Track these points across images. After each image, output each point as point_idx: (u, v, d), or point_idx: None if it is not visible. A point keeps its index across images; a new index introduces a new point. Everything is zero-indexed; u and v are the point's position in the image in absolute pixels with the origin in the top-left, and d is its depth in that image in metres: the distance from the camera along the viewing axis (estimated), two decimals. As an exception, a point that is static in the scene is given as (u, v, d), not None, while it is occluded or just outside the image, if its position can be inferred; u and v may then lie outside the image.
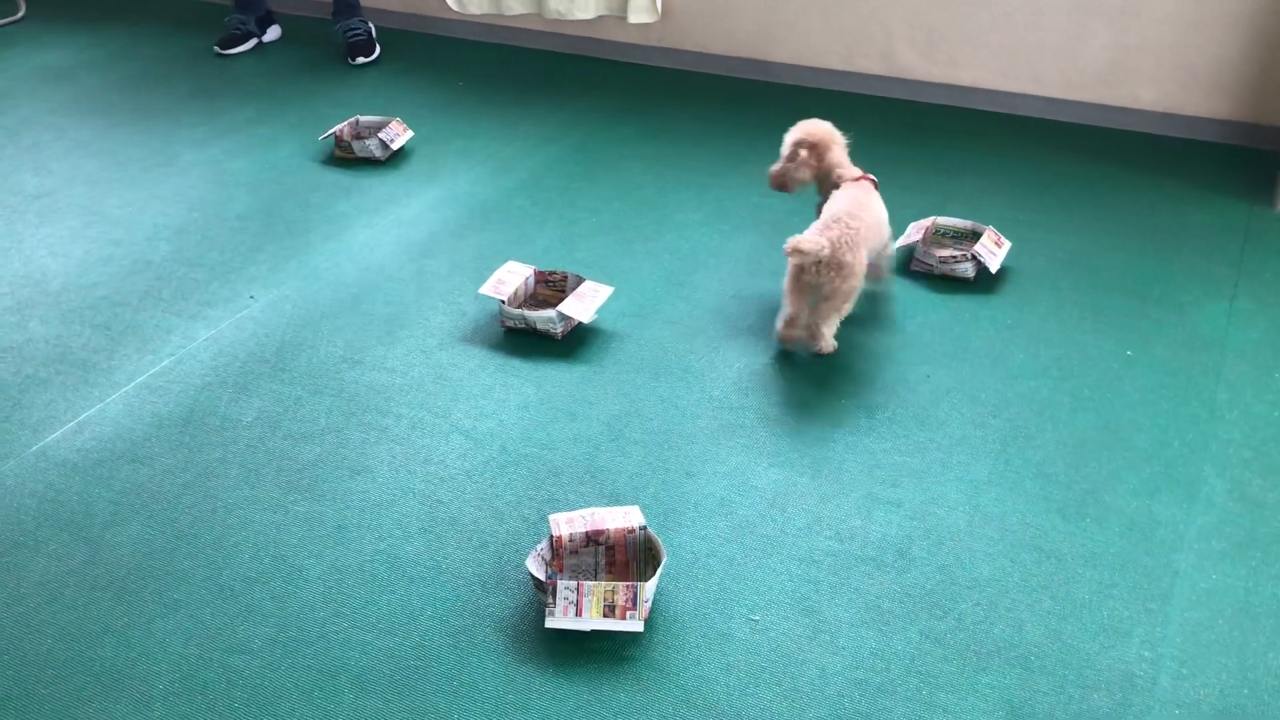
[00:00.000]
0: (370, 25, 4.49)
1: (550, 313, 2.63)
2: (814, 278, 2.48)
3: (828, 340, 2.57)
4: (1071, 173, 3.49)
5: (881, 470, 2.24)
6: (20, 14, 4.85)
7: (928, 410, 2.41)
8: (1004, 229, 3.08)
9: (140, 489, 2.19)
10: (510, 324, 2.68)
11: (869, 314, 2.75)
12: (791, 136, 2.78)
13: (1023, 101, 3.88)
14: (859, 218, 2.53)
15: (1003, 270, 2.93)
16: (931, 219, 3.03)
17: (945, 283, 2.88)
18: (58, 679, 1.78)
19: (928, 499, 2.17)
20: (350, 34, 4.43)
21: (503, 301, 2.66)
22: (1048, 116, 3.87)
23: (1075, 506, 2.15)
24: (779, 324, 2.60)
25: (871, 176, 2.73)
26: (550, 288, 2.81)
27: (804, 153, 2.75)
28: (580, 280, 2.76)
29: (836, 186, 2.70)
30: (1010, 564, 2.01)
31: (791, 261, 2.49)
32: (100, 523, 2.11)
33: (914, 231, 2.98)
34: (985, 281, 2.88)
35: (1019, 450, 2.30)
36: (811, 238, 2.46)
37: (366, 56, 4.41)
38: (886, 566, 2.01)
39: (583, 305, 2.65)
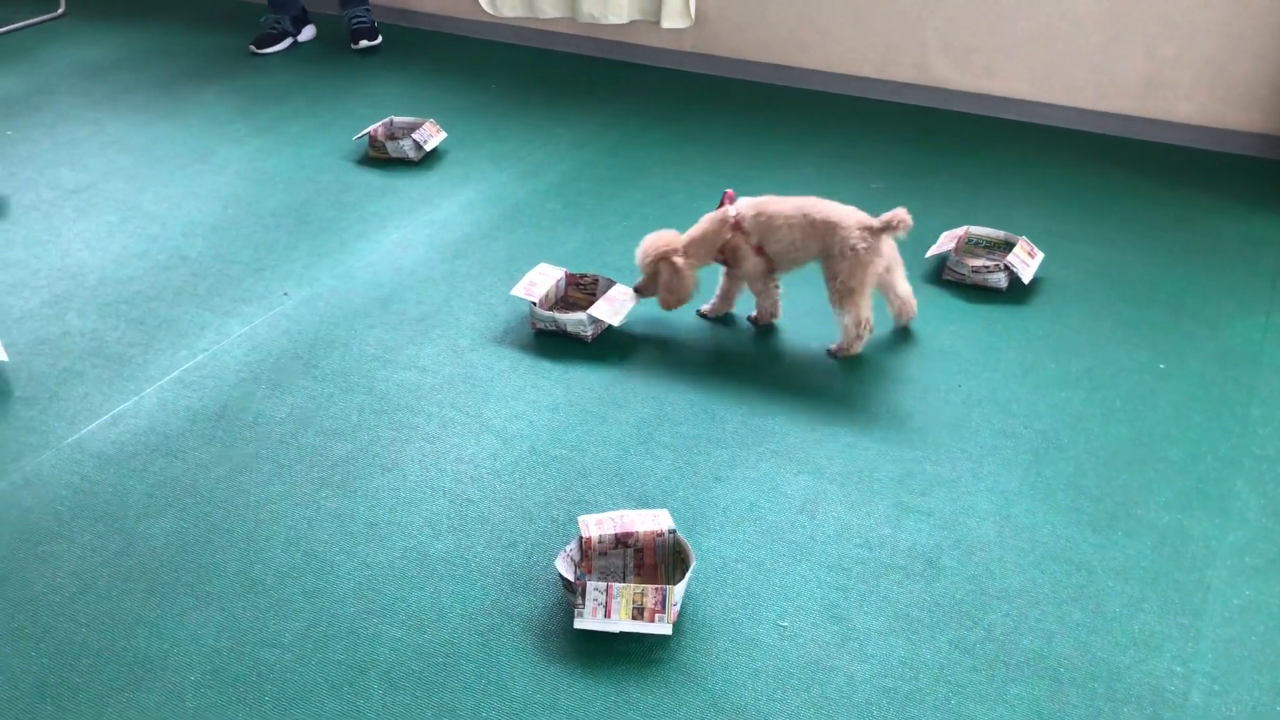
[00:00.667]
0: (373, 16, 4.56)
1: (580, 315, 2.64)
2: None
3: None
4: (1105, 185, 3.47)
5: (912, 479, 2.24)
6: (60, 10, 4.91)
7: (959, 420, 2.41)
8: (1037, 240, 3.06)
9: (174, 482, 2.21)
10: (541, 326, 2.69)
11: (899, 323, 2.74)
12: (643, 258, 2.68)
13: (1056, 112, 3.87)
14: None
15: (1035, 281, 2.92)
16: (964, 228, 3.02)
17: (977, 292, 2.87)
18: (92, 668, 1.80)
19: (958, 509, 2.16)
20: (355, 21, 4.54)
21: (534, 303, 2.67)
22: (1082, 128, 3.85)
23: (1107, 519, 2.13)
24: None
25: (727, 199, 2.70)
26: (581, 290, 2.82)
27: (666, 271, 2.65)
28: (611, 284, 2.77)
29: (724, 248, 2.65)
30: (1040, 575, 2.01)
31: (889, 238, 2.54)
32: (134, 514, 2.13)
33: (946, 241, 2.97)
34: (1017, 292, 2.87)
35: (1050, 461, 2.29)
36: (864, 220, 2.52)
37: (370, 40, 4.51)
38: (916, 575, 2.01)
39: (613, 308, 2.66)
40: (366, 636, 1.87)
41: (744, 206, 2.63)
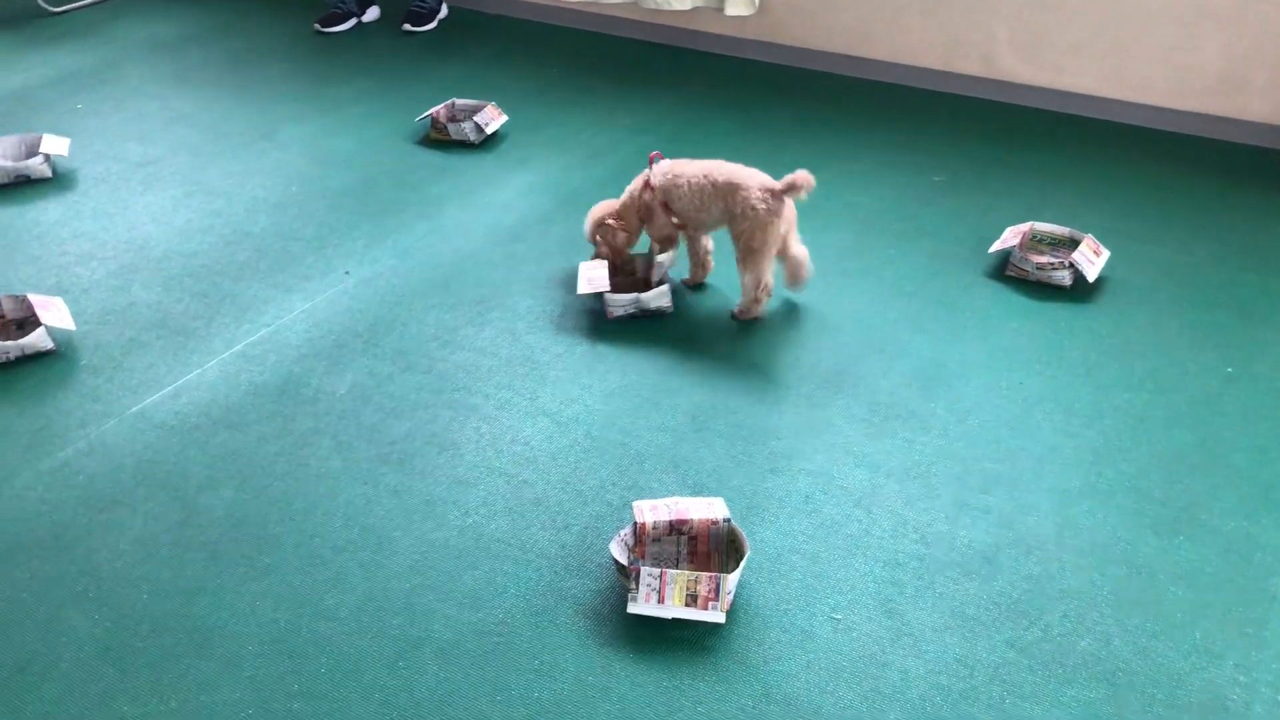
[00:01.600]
0: (437, 4, 4.62)
1: (662, 288, 2.67)
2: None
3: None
4: (1175, 184, 3.40)
5: (971, 476, 2.21)
6: (130, -13, 4.98)
7: (1019, 418, 2.38)
8: (1103, 238, 3.01)
9: (234, 454, 2.24)
10: (620, 312, 2.68)
11: (962, 318, 2.71)
12: (589, 233, 2.85)
13: (1127, 109, 3.79)
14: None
15: (1100, 280, 2.87)
16: (1029, 224, 2.98)
17: (1041, 289, 2.83)
18: (153, 634, 1.83)
19: (1017, 507, 2.13)
20: (415, 4, 4.58)
21: (607, 292, 2.67)
22: (1152, 125, 3.77)
23: (1169, 523, 2.10)
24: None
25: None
26: (625, 275, 2.82)
27: (602, 236, 2.82)
28: (645, 261, 2.82)
29: (648, 217, 2.79)
30: (1100, 577, 1.98)
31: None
32: (195, 485, 2.16)
33: (1010, 236, 2.93)
34: (1082, 290, 2.83)
35: (1112, 463, 2.25)
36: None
37: (415, 26, 4.54)
38: (973, 573, 1.98)
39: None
40: (422, 612, 1.88)
41: (659, 168, 2.76)
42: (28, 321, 2.60)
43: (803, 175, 2.55)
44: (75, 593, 1.91)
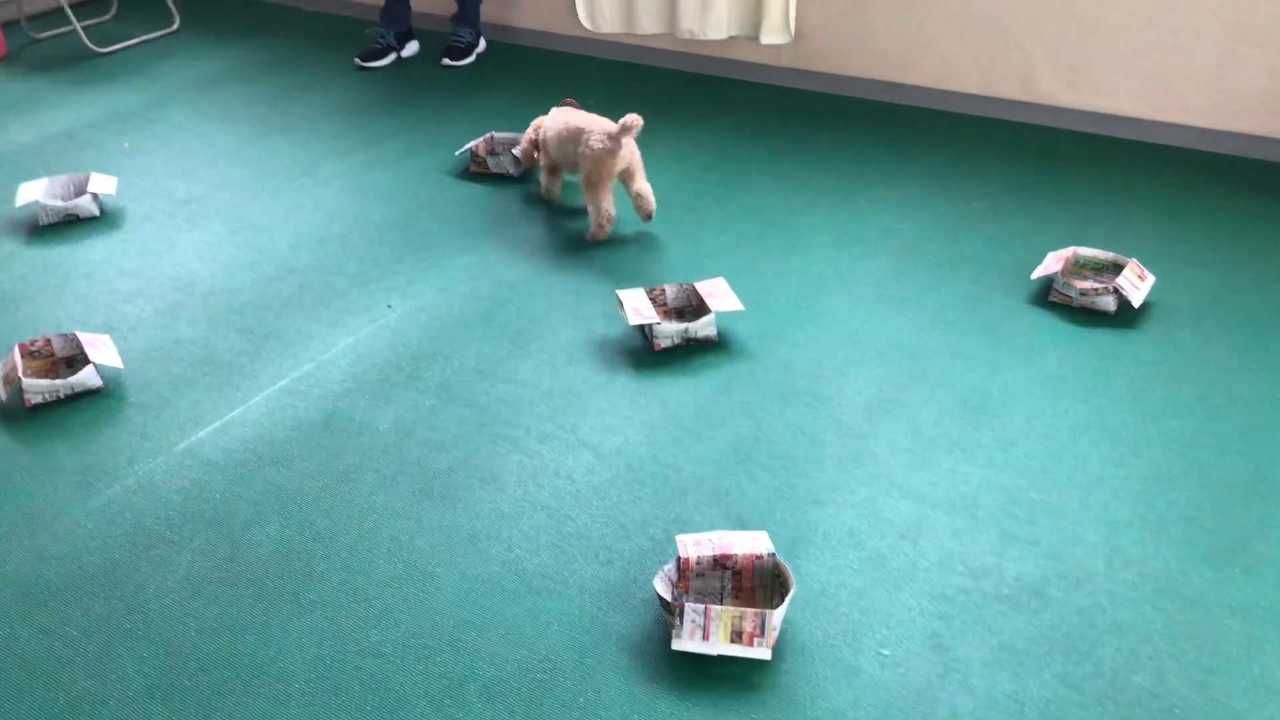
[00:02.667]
0: (474, 39, 4.65)
1: (709, 316, 2.68)
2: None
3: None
4: (1221, 206, 3.36)
5: (1017, 507, 2.18)
6: (175, 26, 5.07)
7: (1065, 447, 2.35)
8: (1147, 262, 2.98)
9: (280, 490, 2.26)
10: (666, 344, 2.68)
11: (1005, 345, 2.69)
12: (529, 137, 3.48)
13: (1169, 131, 3.76)
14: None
15: (1145, 305, 2.84)
16: (1071, 249, 2.95)
17: (1085, 315, 2.80)
18: (200, 671, 1.85)
19: (1065, 538, 2.10)
20: (453, 38, 4.63)
21: (655, 323, 2.67)
22: (1196, 147, 3.74)
23: (1222, 554, 2.06)
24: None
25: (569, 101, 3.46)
26: (660, 305, 2.83)
27: (539, 152, 3.43)
28: (684, 287, 2.82)
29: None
30: (1153, 610, 1.94)
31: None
32: (241, 521, 2.18)
33: (1053, 261, 2.90)
34: (1127, 315, 2.80)
35: (1162, 492, 2.22)
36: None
37: (453, 61, 4.60)
38: (1022, 606, 1.96)
39: (725, 299, 2.73)
40: (466, 649, 1.88)
41: (546, 118, 3.38)
42: (77, 359, 2.64)
43: (632, 117, 3.06)
44: (124, 630, 1.93)
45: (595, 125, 3.15)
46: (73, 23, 4.78)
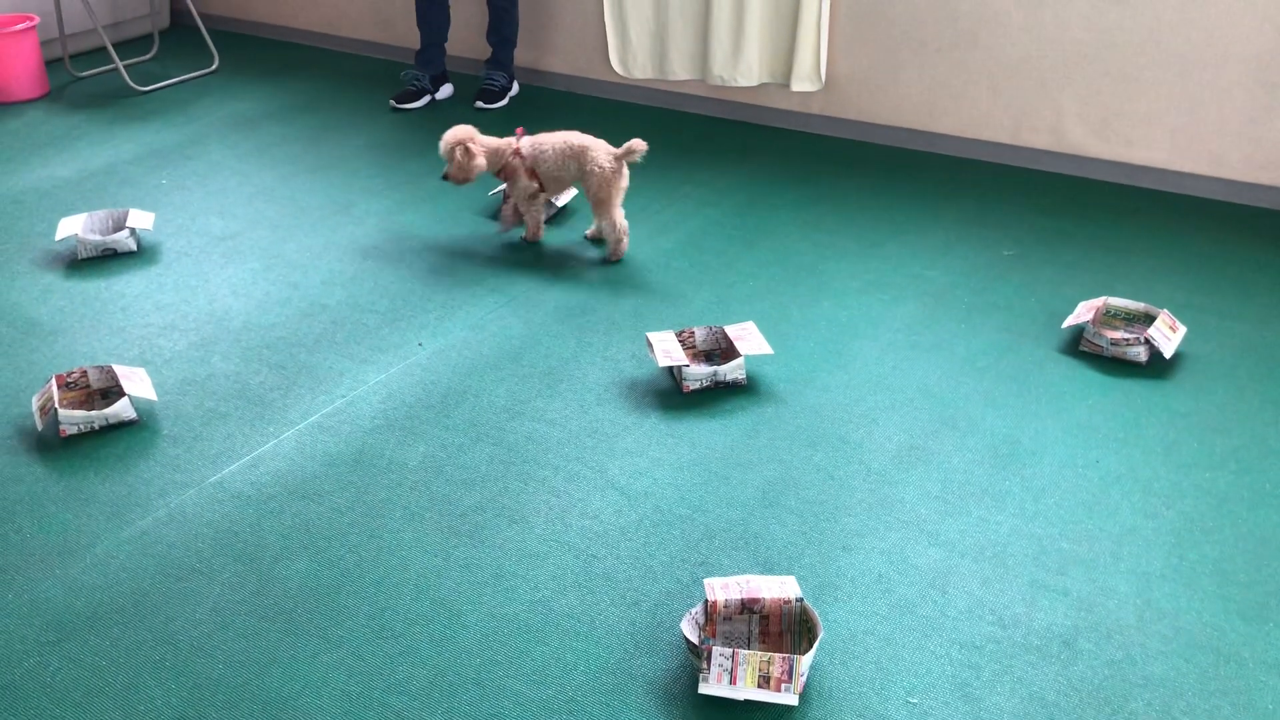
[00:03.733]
0: (508, 83, 4.72)
1: (738, 360, 2.69)
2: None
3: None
4: (1253, 258, 3.35)
5: (1047, 557, 2.17)
6: (214, 65, 5.17)
7: (1096, 497, 2.33)
8: (1179, 313, 2.97)
9: (309, 525, 2.27)
10: (695, 385, 2.69)
11: (1035, 394, 2.68)
12: (445, 145, 3.37)
13: (1200, 183, 3.76)
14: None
15: (1177, 356, 2.83)
16: (1103, 299, 2.95)
17: (1116, 365, 2.79)
18: (228, 704, 1.85)
19: (1096, 590, 2.09)
20: (487, 81, 4.70)
21: (685, 365, 2.68)
22: (1227, 199, 3.73)
23: (1257, 609, 2.04)
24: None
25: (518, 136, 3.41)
26: (689, 347, 2.84)
27: (459, 152, 3.33)
28: (714, 329, 2.83)
29: (506, 165, 3.39)
30: (1185, 664, 1.92)
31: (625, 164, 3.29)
32: (271, 555, 2.19)
33: (1084, 311, 2.90)
34: (1158, 366, 2.78)
35: (1194, 545, 2.20)
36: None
37: (487, 104, 4.67)
38: (1052, 657, 1.94)
39: (756, 341, 2.74)
40: (492, 689, 1.88)
41: (524, 141, 3.39)
42: (112, 391, 2.67)
43: (637, 141, 3.22)
44: (153, 661, 1.94)
45: (598, 145, 3.29)
46: (114, 61, 4.88)
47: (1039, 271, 3.27)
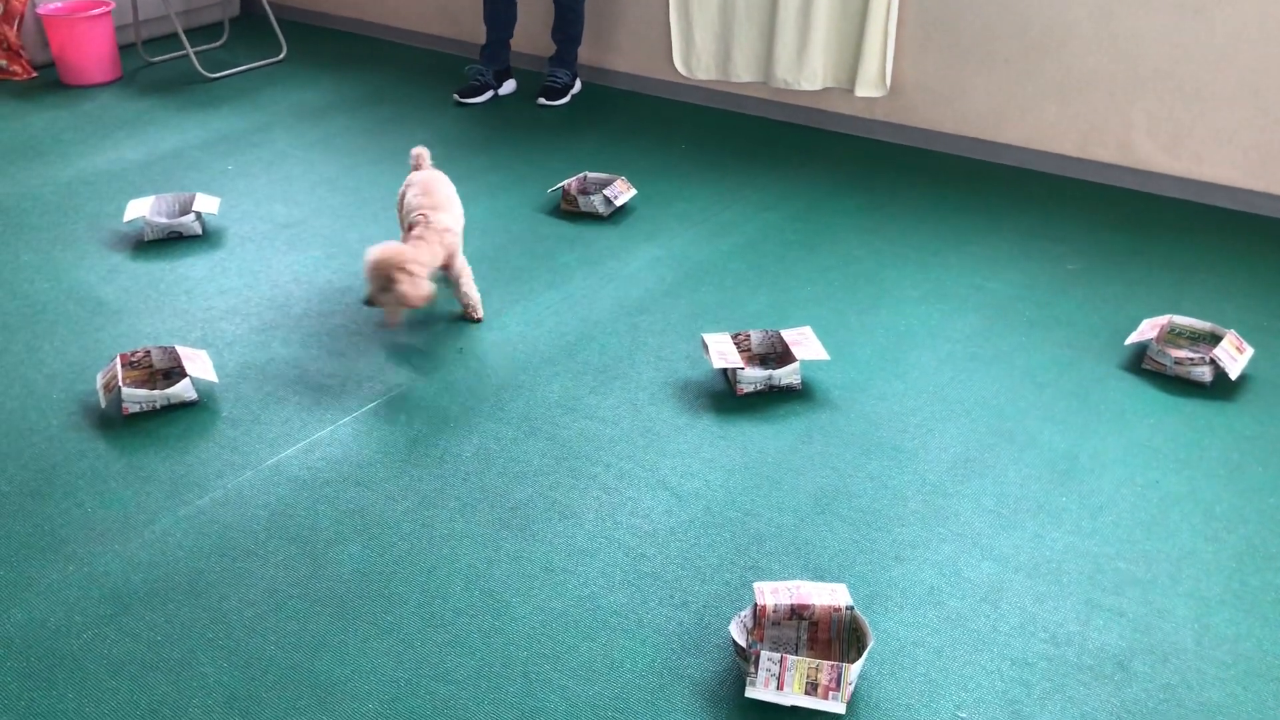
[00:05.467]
0: (570, 80, 4.73)
1: (794, 365, 2.68)
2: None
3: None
4: (1323, 280, 3.28)
5: (1103, 576, 2.13)
6: (282, 55, 5.23)
7: (1156, 518, 2.29)
8: (1246, 335, 2.91)
9: (362, 511, 2.29)
10: (749, 389, 2.68)
11: (1095, 410, 2.64)
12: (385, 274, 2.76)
13: (1272, 202, 3.68)
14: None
15: (1243, 377, 2.77)
16: (1167, 317, 2.90)
17: (1179, 385, 2.74)
18: (279, 685, 1.87)
19: (1152, 611, 2.05)
20: (549, 78, 4.72)
21: (740, 368, 2.67)
22: (1298, 219, 3.66)
23: (1319, 639, 1.99)
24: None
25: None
26: (743, 351, 2.82)
27: (399, 289, 2.74)
28: (770, 333, 2.83)
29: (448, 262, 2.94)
30: (1243, 691, 1.88)
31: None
32: (324, 540, 2.21)
33: (1148, 328, 2.85)
34: (1223, 387, 2.73)
35: (1256, 570, 2.15)
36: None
37: (549, 101, 4.68)
38: (1105, 678, 1.91)
39: (813, 346, 2.73)
40: (539, 682, 1.88)
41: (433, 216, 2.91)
42: (174, 372, 2.72)
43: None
44: (206, 639, 1.96)
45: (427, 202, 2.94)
46: (185, 48, 4.95)
47: (1103, 287, 3.22)
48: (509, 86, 4.86)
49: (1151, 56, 3.72)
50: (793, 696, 1.81)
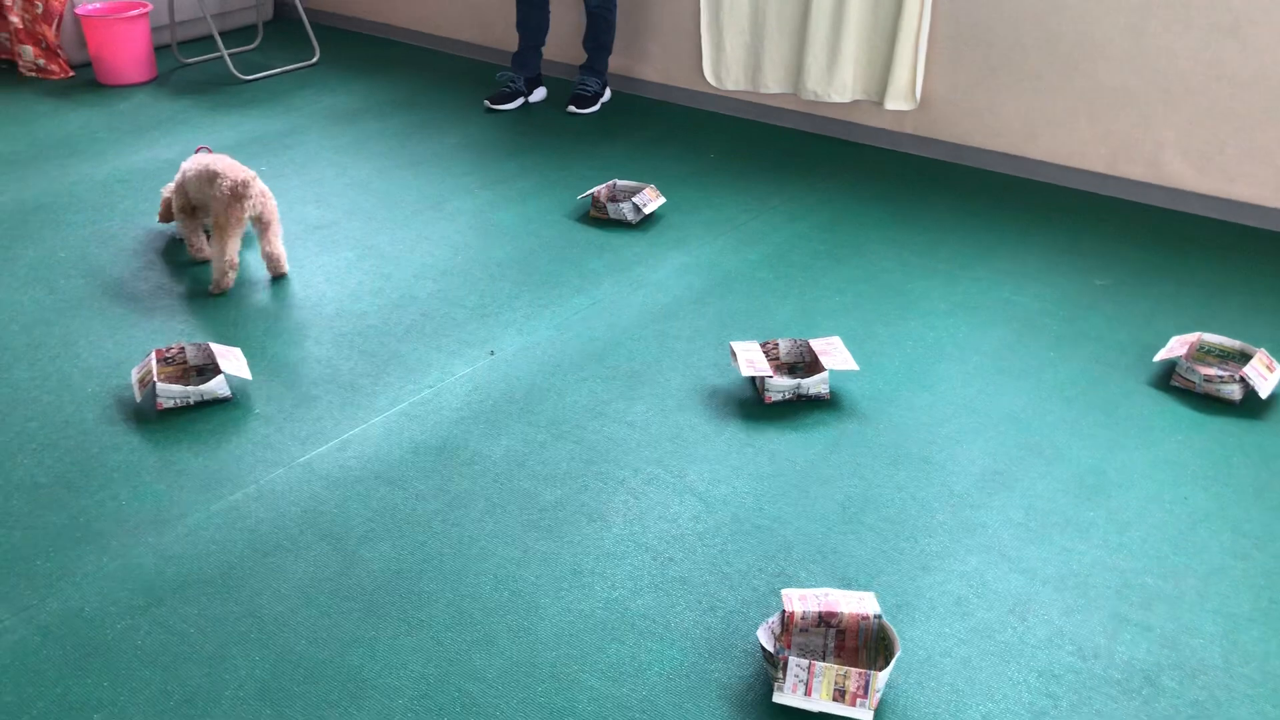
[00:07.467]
0: (601, 88, 4.76)
1: (823, 374, 2.69)
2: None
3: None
4: (1354, 301, 3.27)
5: (1131, 591, 2.13)
6: (315, 58, 5.28)
7: (1184, 534, 2.29)
8: (1276, 353, 2.91)
9: (394, 510, 2.31)
10: (777, 397, 2.69)
11: (1123, 426, 2.64)
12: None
13: (1302, 221, 3.67)
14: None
15: (1273, 397, 2.76)
16: (1197, 334, 2.89)
17: (1208, 402, 2.74)
18: (309, 679, 1.89)
19: (1180, 627, 2.05)
20: (578, 86, 4.75)
21: (769, 375, 2.69)
22: (1329, 239, 3.64)
23: (1348, 659, 1.99)
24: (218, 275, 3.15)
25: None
26: (771, 359, 2.83)
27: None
28: (798, 342, 2.83)
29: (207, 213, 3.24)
30: (1273, 710, 1.88)
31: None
32: (355, 537, 2.23)
33: (1177, 345, 2.85)
34: (1252, 406, 2.73)
35: (1285, 589, 2.15)
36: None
37: (579, 108, 4.71)
38: (1133, 693, 1.91)
39: (841, 357, 2.74)
40: (567, 682, 1.90)
41: (188, 161, 3.25)
42: (208, 368, 2.75)
43: (245, 186, 3.09)
44: (239, 632, 1.99)
45: (229, 170, 3.11)
46: (220, 50, 5.01)
47: (1131, 303, 3.22)
48: (540, 94, 4.90)
49: (1184, 75, 3.72)
50: (821, 703, 1.82)
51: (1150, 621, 2.06)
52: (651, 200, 3.71)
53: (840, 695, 1.82)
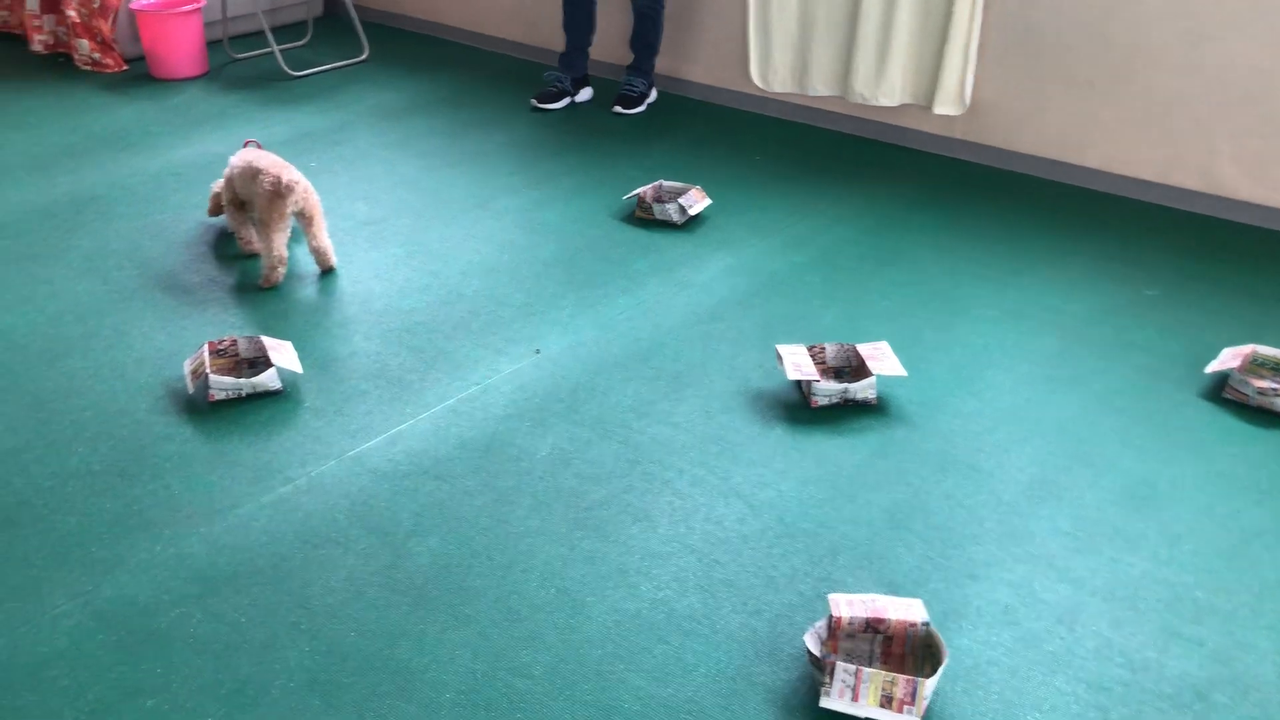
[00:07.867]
0: (647, 89, 4.76)
1: (871, 379, 2.68)
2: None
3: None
4: None
5: (1182, 604, 2.11)
6: (364, 56, 5.32)
7: (1237, 549, 2.26)
8: (1332, 367, 2.86)
9: (441, 505, 2.32)
10: (824, 402, 2.69)
11: (1174, 437, 2.61)
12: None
13: (1358, 234, 3.62)
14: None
15: (1328, 411, 2.73)
16: (1250, 346, 2.86)
17: (1262, 416, 2.70)
18: (358, 671, 1.91)
19: (1233, 643, 2.03)
20: (625, 86, 4.76)
21: (816, 380, 2.68)
22: (1386, 252, 3.59)
23: (1405, 679, 1.95)
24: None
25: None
26: (818, 363, 2.83)
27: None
28: (845, 346, 2.82)
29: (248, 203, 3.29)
30: (1326, 729, 1.85)
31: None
32: (404, 531, 2.25)
33: (1230, 357, 2.82)
34: (1307, 420, 2.69)
35: (1340, 607, 2.12)
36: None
37: (625, 109, 4.72)
38: (1184, 708, 1.89)
39: (890, 362, 2.73)
40: (613, 680, 1.90)
41: (236, 155, 3.32)
42: (259, 361, 2.78)
43: (287, 185, 3.11)
44: (289, 623, 2.01)
45: (271, 167, 3.15)
46: (271, 45, 5.06)
47: (1182, 314, 3.18)
48: (586, 94, 4.91)
49: (1239, 83, 3.68)
50: (867, 709, 1.81)
51: (1202, 636, 2.04)
52: (697, 201, 3.71)
53: (887, 702, 1.81)
